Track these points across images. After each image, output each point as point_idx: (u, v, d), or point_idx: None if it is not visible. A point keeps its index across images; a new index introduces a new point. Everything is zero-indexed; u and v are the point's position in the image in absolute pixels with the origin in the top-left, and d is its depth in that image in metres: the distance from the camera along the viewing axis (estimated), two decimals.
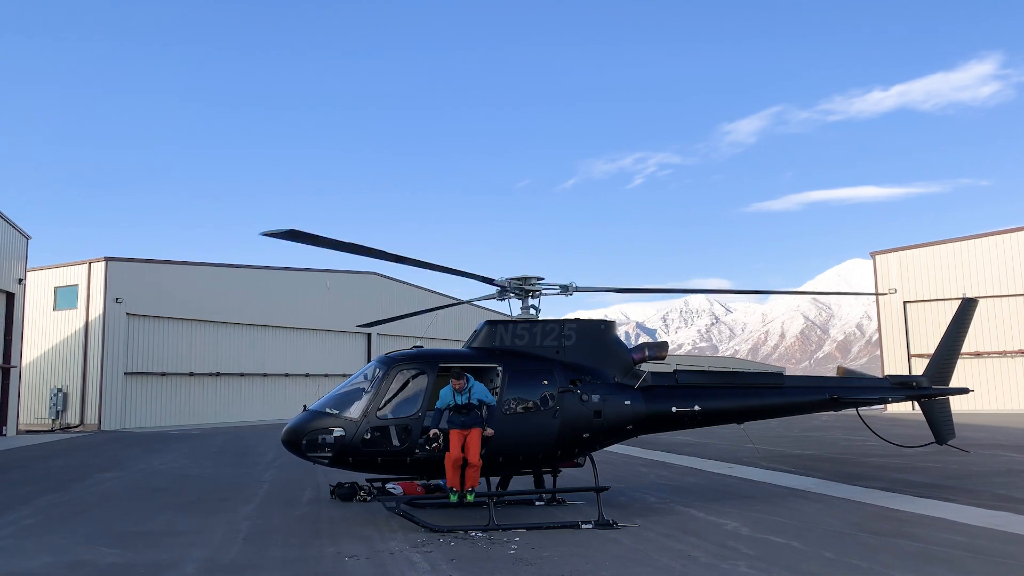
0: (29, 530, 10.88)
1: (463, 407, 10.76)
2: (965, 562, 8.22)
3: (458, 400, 10.74)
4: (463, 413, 10.73)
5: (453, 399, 10.75)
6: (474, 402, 10.73)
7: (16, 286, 34.87)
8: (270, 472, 17.88)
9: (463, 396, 10.74)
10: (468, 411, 10.73)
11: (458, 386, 10.75)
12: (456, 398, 10.74)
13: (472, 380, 10.85)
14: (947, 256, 46.52)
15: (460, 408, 10.74)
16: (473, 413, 10.73)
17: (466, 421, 10.70)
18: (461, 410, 10.73)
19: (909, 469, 16.40)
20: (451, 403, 10.73)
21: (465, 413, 10.72)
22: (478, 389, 10.82)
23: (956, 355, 14.24)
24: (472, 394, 10.75)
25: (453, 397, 10.75)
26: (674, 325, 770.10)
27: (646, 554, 8.88)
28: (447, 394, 10.81)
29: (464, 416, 10.72)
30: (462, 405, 10.74)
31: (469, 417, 10.74)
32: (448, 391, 10.83)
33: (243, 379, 45.77)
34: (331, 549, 9.38)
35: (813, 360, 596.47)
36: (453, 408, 10.72)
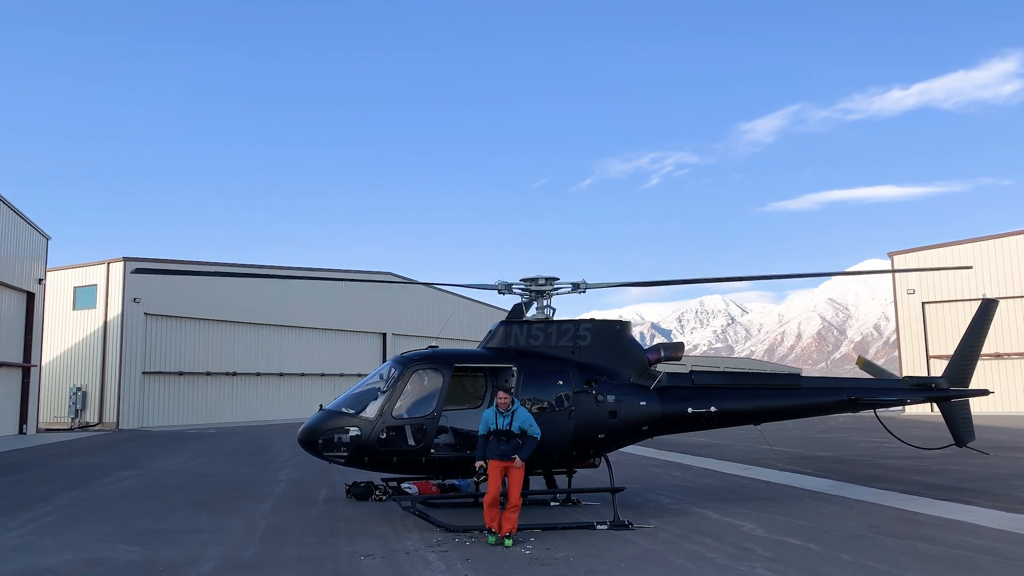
0: (49, 527, 11.00)
1: (503, 434, 9.93)
2: (985, 566, 8.13)
3: (501, 423, 9.93)
4: (504, 441, 9.92)
5: (496, 422, 9.95)
6: (515, 430, 9.90)
7: (36, 286, 35.28)
8: (286, 471, 17.98)
9: (506, 418, 9.93)
10: (509, 439, 9.91)
11: (503, 402, 9.96)
12: (498, 421, 9.93)
13: (517, 403, 10.16)
14: (966, 256, 46.01)
15: (501, 435, 9.93)
16: (514, 443, 9.91)
17: (506, 451, 9.90)
18: (502, 437, 9.92)
19: (928, 471, 16.24)
20: (492, 427, 9.96)
21: (506, 441, 9.90)
22: (522, 415, 10.03)
23: (976, 356, 14.10)
24: (515, 419, 9.95)
25: (496, 420, 9.96)
26: (689, 326, 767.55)
27: (662, 555, 8.85)
28: (489, 417, 10.04)
29: (505, 445, 9.92)
30: (503, 431, 9.92)
31: (510, 446, 9.93)
32: (491, 414, 10.05)
33: (259, 379, 46.06)
34: (347, 548, 9.42)
35: (830, 361, 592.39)
36: (495, 433, 9.94)
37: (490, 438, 9.96)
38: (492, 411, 10.02)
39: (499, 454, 9.92)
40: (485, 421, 10.03)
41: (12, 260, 33.11)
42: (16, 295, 34.10)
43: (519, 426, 9.92)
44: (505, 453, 9.92)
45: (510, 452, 9.92)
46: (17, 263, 33.59)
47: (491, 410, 10.05)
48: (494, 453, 9.91)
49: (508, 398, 10.01)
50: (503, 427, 9.89)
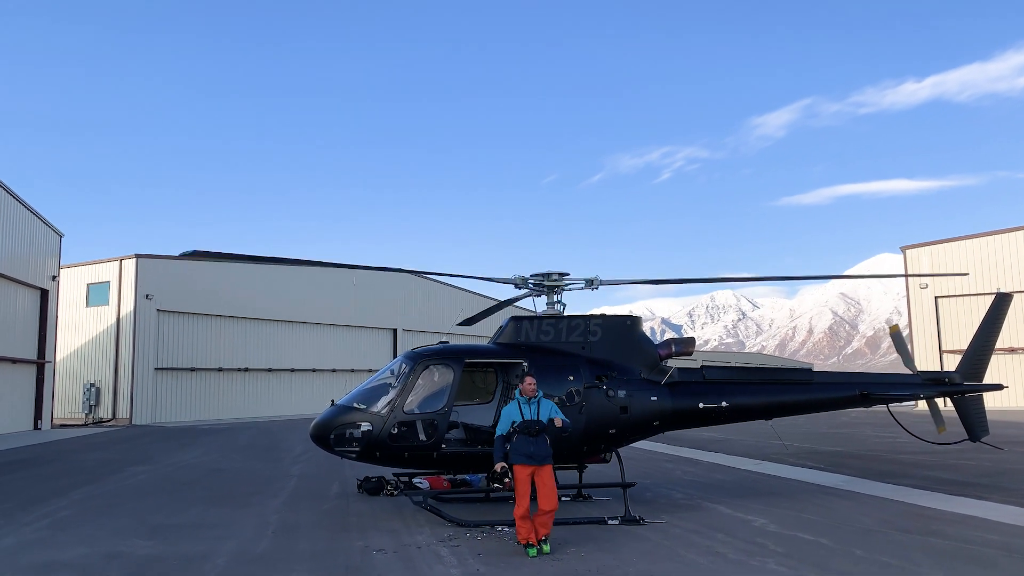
0: (65, 522, 11.11)
1: (532, 426, 8.84)
2: (999, 561, 8.09)
3: (527, 412, 8.91)
4: (532, 435, 8.80)
5: (520, 412, 8.95)
6: (543, 420, 8.91)
7: (50, 283, 35.56)
8: (298, 466, 18.07)
9: (532, 407, 8.98)
10: (537, 433, 8.82)
11: (529, 387, 9.06)
12: (523, 410, 8.95)
13: (540, 392, 9.29)
14: (980, 250, 45.68)
15: (529, 428, 8.82)
16: (543, 441, 8.86)
17: (536, 452, 8.79)
18: (531, 430, 8.81)
19: (941, 466, 16.16)
20: (516, 420, 8.93)
21: (534, 435, 8.80)
22: (546, 406, 9.14)
23: (990, 351, 13.99)
24: (542, 408, 9.04)
25: (519, 410, 8.97)
26: (700, 321, 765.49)
27: (673, 550, 8.85)
28: (511, 411, 9.05)
29: (533, 444, 8.80)
30: (531, 423, 8.84)
31: (539, 445, 8.83)
32: (513, 408, 9.09)
33: (271, 374, 46.28)
34: (359, 543, 9.46)
35: (841, 356, 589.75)
36: (520, 427, 8.86)
37: (513, 437, 8.89)
38: (513, 405, 9.08)
39: (527, 456, 8.77)
40: (507, 417, 9.01)
41: (26, 257, 33.37)
42: (30, 292, 34.38)
43: (547, 416, 9.02)
44: (535, 455, 8.78)
45: (541, 454, 8.81)
46: (31, 260, 33.86)
47: (512, 404, 9.12)
48: (521, 455, 8.78)
49: (534, 382, 9.12)
50: (530, 416, 8.89)
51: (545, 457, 8.81)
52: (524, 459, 8.76)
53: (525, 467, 8.79)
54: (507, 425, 8.98)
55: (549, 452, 8.87)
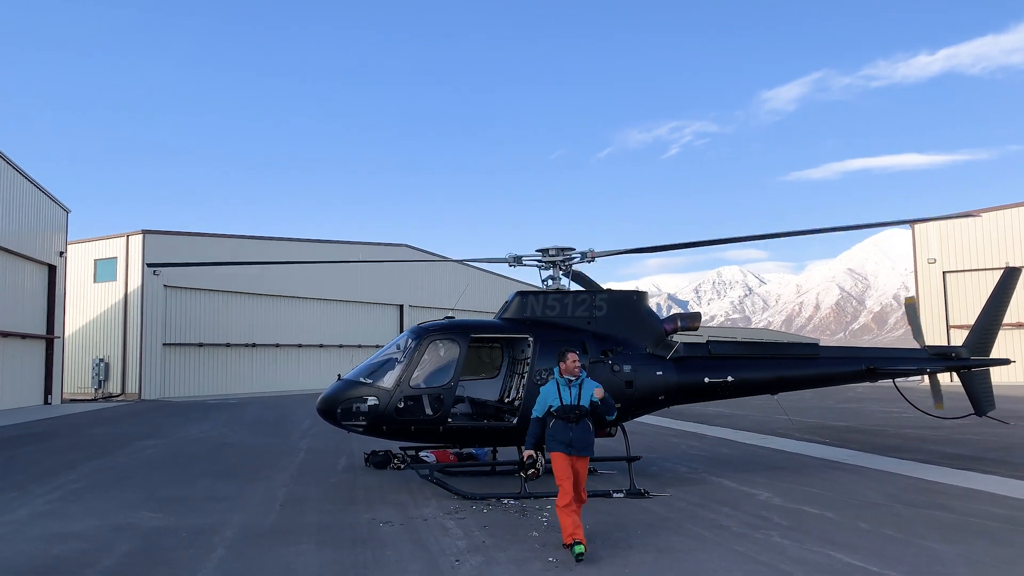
0: (76, 494, 11.22)
1: (571, 411, 7.83)
2: (1004, 534, 8.11)
3: (567, 396, 7.87)
4: (572, 421, 7.79)
5: (559, 395, 7.90)
6: (585, 405, 7.90)
7: (57, 259, 35.68)
8: (306, 441, 18.20)
9: (574, 389, 7.93)
10: (578, 419, 7.83)
11: (571, 365, 7.97)
12: (563, 393, 7.89)
13: (584, 372, 8.23)
14: (988, 225, 45.36)
15: (569, 413, 7.81)
16: (584, 428, 7.86)
17: (575, 440, 7.78)
18: (571, 415, 7.80)
19: (947, 441, 16.17)
20: (555, 404, 7.91)
21: (575, 421, 7.80)
22: (589, 388, 8.01)
23: (998, 325, 13.94)
24: (584, 390, 7.96)
25: (558, 392, 7.92)
26: (706, 297, 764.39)
27: (678, 523, 8.89)
28: (550, 392, 8.00)
29: (573, 430, 7.79)
30: (570, 408, 7.84)
31: (578, 432, 7.82)
32: (551, 389, 8.02)
33: (278, 350, 46.50)
34: (366, 515, 9.54)
35: (848, 332, 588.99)
36: (558, 412, 7.86)
37: (551, 421, 7.88)
38: (552, 386, 8.01)
39: (566, 444, 7.77)
40: (545, 398, 7.99)
41: (34, 233, 33.45)
42: (38, 268, 34.51)
43: (591, 399, 7.95)
44: (575, 443, 7.77)
45: (580, 443, 7.80)
46: (39, 236, 33.94)
47: (550, 385, 8.05)
48: (558, 442, 7.79)
49: (576, 362, 8.00)
50: (570, 401, 7.84)
51: (585, 447, 7.80)
52: (561, 447, 7.77)
53: (565, 457, 7.80)
54: (543, 408, 7.98)
55: (590, 442, 7.88)
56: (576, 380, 7.95)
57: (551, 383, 8.03)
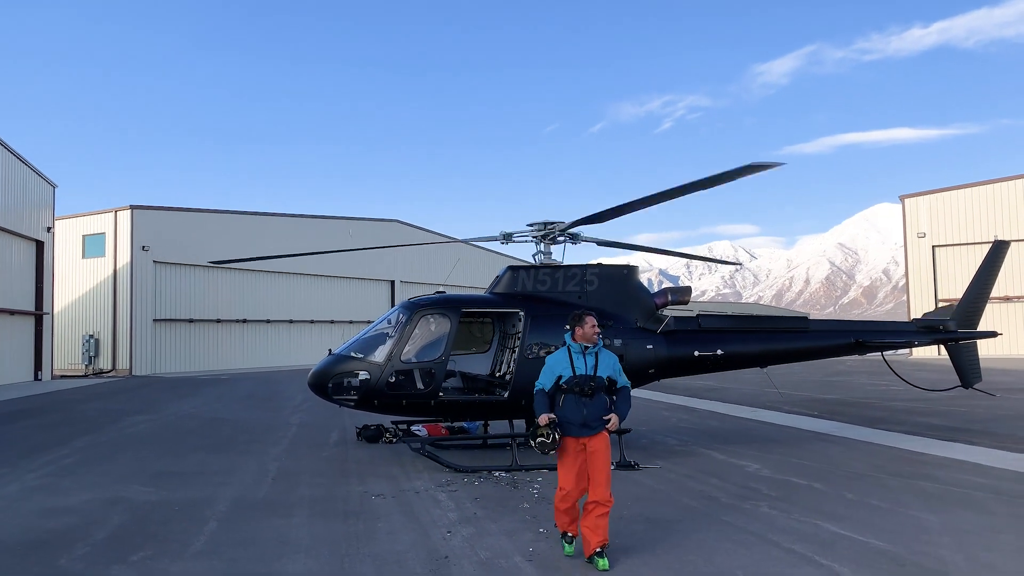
0: (68, 469, 11.24)
1: (588, 383, 6.45)
2: (988, 504, 8.22)
3: (582, 366, 6.50)
4: (587, 395, 6.43)
5: (571, 364, 6.53)
6: (602, 376, 6.53)
7: (45, 235, 35.39)
8: (297, 415, 18.24)
9: (589, 359, 6.56)
10: (593, 393, 6.45)
11: (590, 330, 6.61)
12: (577, 362, 6.52)
13: (601, 341, 6.84)
14: (978, 199, 45.54)
15: (583, 385, 6.44)
16: (599, 400, 6.49)
17: (589, 418, 6.41)
18: (585, 388, 6.43)
19: (934, 413, 16.35)
20: (565, 375, 6.52)
21: (589, 395, 6.43)
22: (607, 360, 6.65)
23: (985, 298, 14.03)
24: (601, 361, 6.60)
25: (570, 361, 6.55)
26: (697, 272, 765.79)
27: (668, 494, 8.98)
28: (559, 361, 6.61)
29: (587, 404, 6.42)
30: (586, 379, 6.46)
31: (593, 407, 6.44)
32: (561, 358, 6.63)
33: (269, 326, 46.45)
34: (358, 488, 9.59)
35: (838, 306, 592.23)
36: (570, 383, 6.46)
37: (560, 397, 6.51)
38: (563, 353, 6.65)
39: (580, 424, 6.41)
40: (552, 368, 6.61)
41: (20, 209, 33.13)
42: (26, 244, 34.24)
43: (607, 373, 6.58)
44: (588, 421, 6.41)
45: (597, 419, 6.43)
46: (25, 212, 33.63)
47: (560, 353, 6.70)
48: (570, 423, 6.43)
49: (594, 327, 6.65)
50: (586, 371, 6.50)
51: (599, 423, 6.43)
52: (575, 429, 6.40)
53: (576, 440, 6.45)
54: (551, 379, 6.58)
55: (604, 413, 6.50)
56: (592, 348, 6.61)
57: (560, 351, 6.68)
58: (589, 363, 6.58)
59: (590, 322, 6.66)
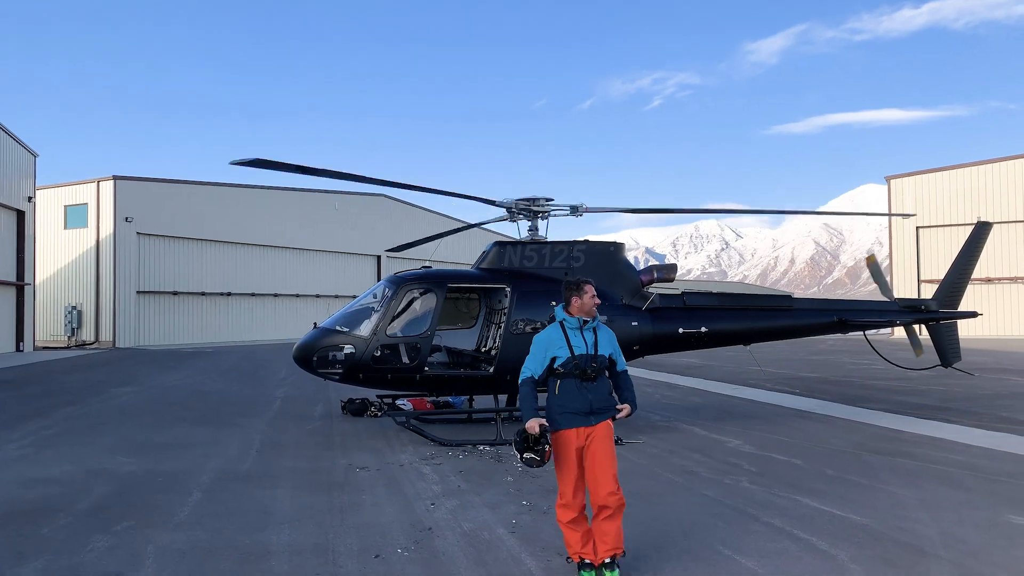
0: (49, 440, 11.19)
1: (590, 363, 5.38)
2: (963, 480, 8.37)
3: (580, 344, 5.41)
4: (590, 378, 5.36)
5: (567, 342, 5.41)
6: (604, 356, 5.49)
7: (26, 204, 34.94)
8: (282, 389, 18.22)
9: (587, 334, 5.48)
10: (596, 375, 5.40)
11: (590, 301, 5.50)
12: (574, 339, 5.42)
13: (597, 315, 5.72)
14: (963, 181, 45.84)
15: (586, 367, 5.36)
16: (603, 383, 5.47)
17: (595, 404, 5.34)
18: (588, 370, 5.36)
19: (913, 392, 16.55)
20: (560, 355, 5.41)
21: (592, 379, 5.37)
22: (608, 336, 5.59)
23: (967, 279, 14.18)
24: (601, 338, 5.53)
25: (566, 339, 5.42)
26: (684, 250, 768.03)
27: (650, 469, 9.07)
28: (552, 339, 5.47)
29: (592, 389, 5.35)
30: (589, 358, 5.39)
31: (598, 392, 5.38)
32: (554, 335, 5.49)
33: (254, 299, 46.23)
34: (343, 461, 9.62)
35: (822, 286, 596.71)
36: (570, 366, 5.36)
37: (557, 383, 5.42)
38: (555, 331, 5.51)
39: (585, 413, 5.33)
40: (541, 349, 5.48)
41: (0, 178, 32.65)
42: (6, 213, 33.80)
43: (608, 351, 5.54)
44: (595, 407, 5.35)
45: (603, 406, 5.38)
46: (5, 181, 33.14)
47: (551, 330, 5.54)
48: (571, 412, 5.34)
49: (593, 296, 5.55)
50: (585, 349, 5.43)
51: (605, 410, 5.40)
52: (578, 419, 5.31)
53: (577, 433, 5.33)
54: (541, 363, 5.46)
55: (612, 403, 5.49)
56: (592, 322, 5.55)
57: (551, 328, 5.55)
58: (589, 340, 5.46)
59: (590, 291, 5.52)
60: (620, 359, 5.67)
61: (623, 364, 5.72)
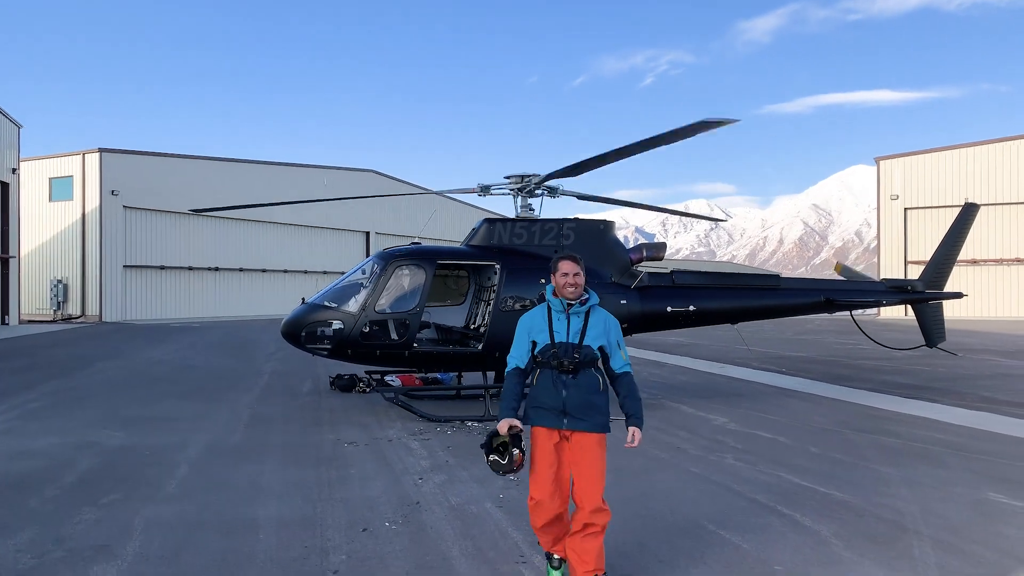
0: (35, 413, 11.15)
1: (569, 354, 4.62)
2: (944, 458, 8.48)
3: (564, 330, 4.66)
4: (567, 371, 4.61)
5: (548, 326, 4.69)
6: (591, 345, 4.64)
7: (10, 176, 34.53)
8: (271, 364, 18.21)
9: (574, 318, 4.68)
10: (576, 368, 4.62)
11: (560, 281, 4.68)
12: (557, 324, 4.68)
13: (594, 296, 4.79)
14: (952, 162, 46.01)
15: (563, 356, 4.61)
16: (587, 379, 4.63)
17: (570, 403, 4.61)
18: (565, 361, 4.61)
19: (898, 371, 16.72)
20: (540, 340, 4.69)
21: (570, 372, 4.61)
22: (600, 323, 4.73)
23: (953, 260, 14.28)
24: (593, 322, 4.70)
25: (548, 322, 4.70)
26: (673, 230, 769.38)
27: (636, 446, 9.13)
28: (535, 323, 4.75)
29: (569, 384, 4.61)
30: (568, 347, 4.62)
31: (577, 389, 4.61)
32: (536, 318, 4.78)
33: (242, 274, 46.02)
34: (331, 436, 9.65)
35: (810, 266, 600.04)
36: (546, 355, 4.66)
37: (535, 373, 4.77)
38: (540, 312, 4.79)
39: (558, 410, 4.64)
40: (524, 333, 4.78)
41: None
42: None
43: (600, 341, 4.69)
44: (572, 408, 4.62)
45: (584, 409, 4.62)
46: None
47: (537, 311, 4.82)
48: (543, 408, 4.69)
49: (580, 275, 4.69)
50: (567, 336, 4.66)
51: (589, 414, 4.63)
52: (550, 418, 4.66)
53: (550, 431, 4.69)
54: (525, 349, 4.78)
55: (600, 407, 4.67)
56: (580, 306, 4.71)
57: (537, 309, 4.84)
58: (574, 326, 4.68)
59: (563, 268, 4.69)
60: (616, 355, 4.74)
61: (622, 363, 4.76)
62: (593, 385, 4.69)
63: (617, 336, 4.80)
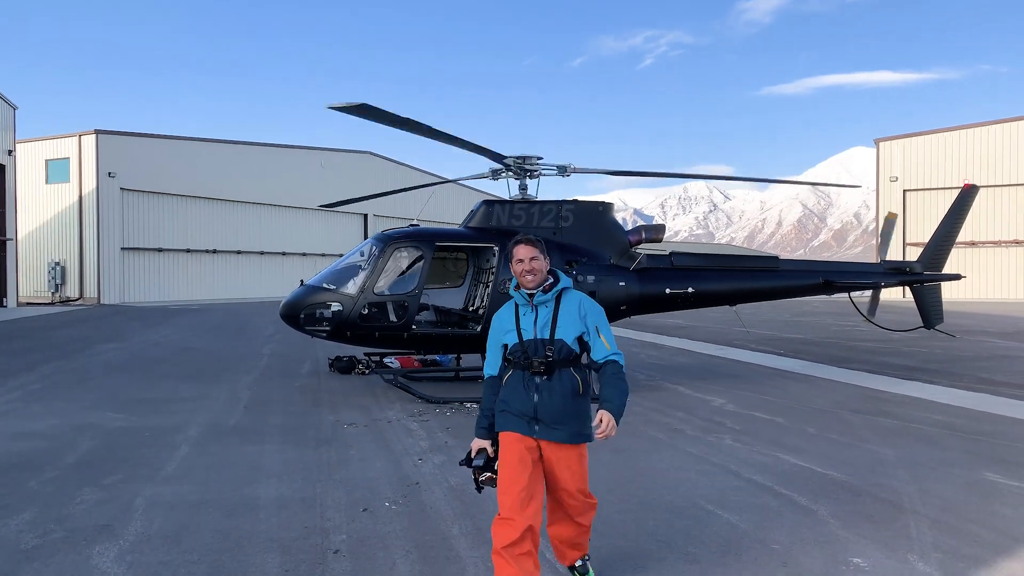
0: (35, 395, 11.18)
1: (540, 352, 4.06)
2: (941, 439, 8.52)
3: (525, 327, 4.11)
4: (538, 371, 4.04)
5: (516, 323, 4.15)
6: (564, 340, 4.07)
7: (6, 157, 34.40)
8: (269, 346, 18.23)
9: (542, 311, 4.11)
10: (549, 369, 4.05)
11: (515, 268, 4.12)
12: (524, 318, 4.14)
13: (566, 280, 4.21)
14: (951, 144, 45.90)
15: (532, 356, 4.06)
16: (563, 380, 4.05)
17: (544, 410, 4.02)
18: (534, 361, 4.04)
19: (896, 353, 16.76)
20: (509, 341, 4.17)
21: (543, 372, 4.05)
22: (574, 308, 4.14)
23: (952, 241, 14.29)
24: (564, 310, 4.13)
25: (515, 319, 4.16)
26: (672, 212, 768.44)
27: (635, 427, 9.17)
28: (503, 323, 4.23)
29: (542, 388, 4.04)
30: (538, 344, 4.07)
31: (551, 393, 4.03)
32: (505, 316, 4.24)
33: (240, 256, 45.98)
34: (330, 417, 9.68)
35: (808, 248, 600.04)
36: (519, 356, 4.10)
37: (507, 374, 4.18)
38: (508, 308, 4.26)
39: (529, 416, 4.05)
40: (496, 334, 4.28)
41: None
42: None
43: (576, 330, 4.12)
44: (544, 414, 4.02)
45: (557, 415, 4.03)
46: None
47: (506, 308, 4.28)
48: (512, 415, 4.09)
49: (540, 259, 4.11)
50: (536, 332, 4.10)
51: (563, 422, 4.06)
52: (520, 424, 4.06)
53: (520, 438, 4.05)
54: (497, 353, 4.29)
55: (576, 414, 4.11)
56: (544, 294, 4.13)
57: (505, 307, 4.29)
58: (542, 318, 4.11)
59: (518, 253, 4.15)
60: (598, 343, 4.13)
61: (604, 350, 4.13)
62: (570, 388, 4.08)
63: (596, 320, 4.15)
